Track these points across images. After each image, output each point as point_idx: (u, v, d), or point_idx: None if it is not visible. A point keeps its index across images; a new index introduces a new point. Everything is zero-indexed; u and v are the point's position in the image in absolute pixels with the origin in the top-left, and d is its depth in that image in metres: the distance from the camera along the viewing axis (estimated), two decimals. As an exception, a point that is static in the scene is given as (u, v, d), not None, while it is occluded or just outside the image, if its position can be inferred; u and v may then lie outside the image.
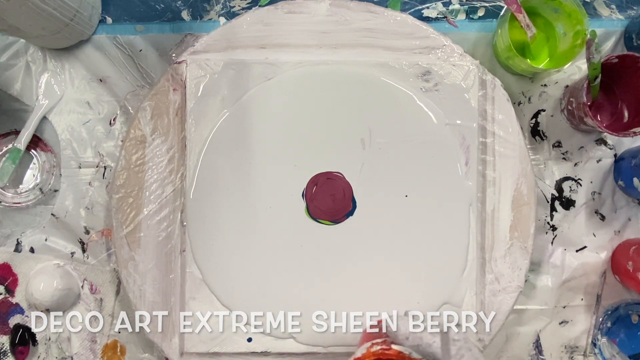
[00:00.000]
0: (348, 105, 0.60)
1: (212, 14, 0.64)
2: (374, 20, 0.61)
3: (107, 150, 0.63)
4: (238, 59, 0.60)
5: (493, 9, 0.64)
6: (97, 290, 0.62)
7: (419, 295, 0.59)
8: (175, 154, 0.60)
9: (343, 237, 0.59)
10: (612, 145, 0.64)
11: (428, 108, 0.60)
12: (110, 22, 0.64)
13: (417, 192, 0.59)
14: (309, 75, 0.60)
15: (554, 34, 0.62)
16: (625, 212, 0.63)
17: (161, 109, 0.60)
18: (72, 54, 0.63)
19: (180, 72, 0.60)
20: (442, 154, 0.60)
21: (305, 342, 0.58)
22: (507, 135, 0.60)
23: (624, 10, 0.64)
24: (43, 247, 0.62)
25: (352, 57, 0.60)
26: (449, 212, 0.59)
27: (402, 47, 0.60)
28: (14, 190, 0.63)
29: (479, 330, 0.59)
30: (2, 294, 0.61)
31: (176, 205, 0.59)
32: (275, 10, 0.61)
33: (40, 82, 0.63)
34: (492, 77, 0.60)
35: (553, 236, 0.63)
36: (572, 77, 0.64)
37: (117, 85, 0.63)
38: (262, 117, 0.60)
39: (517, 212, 0.60)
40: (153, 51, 0.63)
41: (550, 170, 0.64)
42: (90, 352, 0.61)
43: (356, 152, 0.60)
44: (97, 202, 0.63)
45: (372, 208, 0.59)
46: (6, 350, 0.60)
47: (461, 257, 0.59)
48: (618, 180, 0.62)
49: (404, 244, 0.59)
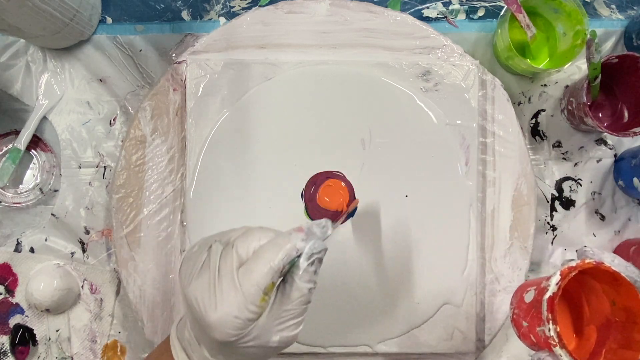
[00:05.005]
0: (348, 105, 0.60)
1: (212, 14, 0.64)
2: (374, 20, 0.61)
3: (107, 150, 0.63)
4: (238, 59, 0.60)
5: (493, 9, 0.64)
6: (97, 290, 0.62)
7: (419, 295, 0.59)
8: (175, 154, 0.60)
9: (342, 237, 0.59)
10: (612, 145, 0.64)
11: (428, 108, 0.60)
12: (110, 22, 0.64)
13: (417, 192, 0.59)
14: (309, 75, 0.60)
15: (554, 34, 0.62)
16: (625, 212, 0.63)
17: (161, 109, 0.60)
18: (72, 54, 0.63)
19: (180, 72, 0.60)
20: (442, 154, 0.60)
21: (305, 342, 0.58)
22: (507, 135, 0.60)
23: (624, 10, 0.64)
24: (43, 247, 0.62)
25: (352, 57, 0.60)
26: (449, 212, 0.59)
27: (402, 47, 0.61)
28: (14, 190, 0.63)
29: (479, 330, 0.59)
30: (2, 294, 0.61)
31: (176, 205, 0.59)
32: (275, 10, 0.61)
33: (40, 82, 0.63)
34: (492, 77, 0.60)
35: (553, 236, 0.63)
36: (572, 77, 0.64)
37: (117, 85, 0.63)
38: (262, 117, 0.60)
39: (517, 212, 0.60)
40: (153, 51, 0.63)
41: (550, 170, 0.64)
42: (90, 352, 0.61)
43: (356, 152, 0.60)
44: (97, 202, 0.63)
45: (372, 208, 0.59)
46: (6, 350, 0.60)
47: (461, 257, 0.59)
48: (618, 180, 0.62)
49: (404, 244, 0.59)
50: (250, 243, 0.36)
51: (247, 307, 0.34)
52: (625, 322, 0.43)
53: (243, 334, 0.35)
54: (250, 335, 0.35)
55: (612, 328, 0.44)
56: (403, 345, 0.58)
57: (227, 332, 0.34)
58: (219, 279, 0.35)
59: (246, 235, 0.37)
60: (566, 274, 0.41)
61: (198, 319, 0.35)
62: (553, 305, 0.40)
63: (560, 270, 0.41)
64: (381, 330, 0.58)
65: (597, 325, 0.45)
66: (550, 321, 0.39)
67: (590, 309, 0.46)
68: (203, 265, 0.36)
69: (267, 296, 0.35)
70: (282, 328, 0.36)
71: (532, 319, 0.42)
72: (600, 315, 0.45)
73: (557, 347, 0.39)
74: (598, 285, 0.45)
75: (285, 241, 0.35)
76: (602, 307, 0.45)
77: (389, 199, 0.59)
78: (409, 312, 0.58)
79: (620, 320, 0.43)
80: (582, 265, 0.41)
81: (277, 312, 0.36)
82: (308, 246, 0.35)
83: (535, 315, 0.41)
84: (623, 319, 0.43)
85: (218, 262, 0.35)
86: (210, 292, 0.34)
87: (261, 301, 0.34)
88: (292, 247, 0.35)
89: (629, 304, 0.42)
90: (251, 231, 0.37)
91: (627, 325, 0.43)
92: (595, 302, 0.46)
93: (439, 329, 0.58)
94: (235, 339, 0.35)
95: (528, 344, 0.44)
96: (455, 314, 0.59)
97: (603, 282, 0.44)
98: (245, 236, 0.37)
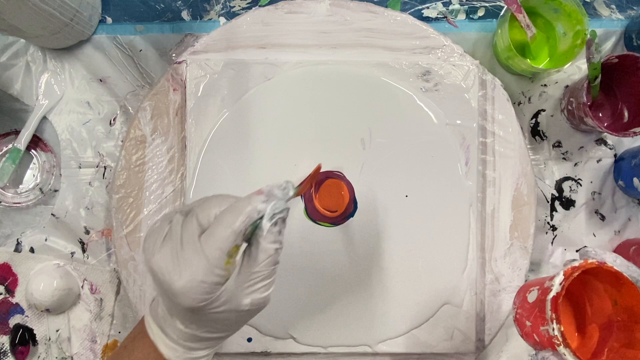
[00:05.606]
0: (348, 105, 0.60)
1: (212, 14, 0.64)
2: (374, 20, 0.61)
3: (107, 150, 0.63)
4: (238, 59, 0.60)
5: (493, 9, 0.64)
6: (97, 290, 0.62)
7: (419, 295, 0.59)
8: (175, 154, 0.60)
9: (342, 237, 0.59)
10: (612, 145, 0.64)
11: (428, 108, 0.60)
12: (110, 22, 0.64)
13: (417, 192, 0.59)
14: (309, 75, 0.60)
15: (554, 34, 0.62)
16: (625, 212, 0.63)
17: (161, 109, 0.60)
18: (72, 54, 0.63)
19: (180, 72, 0.60)
20: (442, 154, 0.60)
21: (305, 342, 0.58)
22: (507, 135, 0.60)
23: (624, 10, 0.64)
24: (43, 247, 0.62)
25: (352, 57, 0.60)
26: (449, 212, 0.59)
27: (402, 47, 0.61)
28: (14, 190, 0.63)
29: (479, 330, 0.59)
30: (2, 294, 0.61)
31: (176, 205, 0.59)
32: (275, 10, 0.61)
33: (40, 82, 0.63)
34: (492, 77, 0.60)
35: (553, 236, 0.63)
36: (572, 77, 0.64)
37: (117, 85, 0.63)
38: (262, 117, 0.60)
39: (517, 212, 0.60)
40: (153, 51, 0.63)
41: (550, 170, 0.64)
42: (90, 352, 0.61)
43: (356, 152, 0.60)
44: (97, 202, 0.63)
45: (372, 208, 0.59)
46: (6, 350, 0.60)
47: (461, 257, 0.59)
48: (618, 180, 0.62)
49: (404, 244, 0.59)
50: (210, 210, 0.36)
51: (213, 271, 0.34)
52: (627, 322, 0.43)
53: (211, 298, 0.35)
54: (220, 300, 0.36)
55: (614, 327, 0.44)
56: (403, 345, 0.58)
57: (195, 297, 0.34)
58: (182, 246, 0.35)
59: (205, 202, 0.37)
60: (569, 274, 0.41)
61: (165, 290, 0.35)
62: (557, 304, 0.40)
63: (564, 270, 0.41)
64: (381, 330, 0.58)
65: (598, 325, 0.45)
66: (554, 321, 0.40)
67: (592, 309, 0.46)
68: (165, 236, 0.36)
69: (232, 259, 0.35)
70: (252, 290, 0.37)
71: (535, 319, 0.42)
72: (602, 314, 0.45)
73: (561, 346, 0.39)
74: (600, 285, 0.45)
75: (246, 204, 0.36)
76: (603, 306, 0.45)
77: (389, 199, 0.59)
78: (409, 312, 0.58)
79: (622, 319, 0.43)
80: (585, 265, 0.41)
81: (246, 275, 0.36)
82: (269, 207, 0.36)
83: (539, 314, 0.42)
84: (625, 318, 0.43)
85: (180, 231, 0.36)
86: (174, 261, 0.35)
87: (226, 264, 0.35)
88: (253, 209, 0.35)
89: (631, 304, 0.42)
90: (210, 198, 0.38)
91: (629, 324, 0.43)
92: (597, 301, 0.46)
93: (439, 329, 0.58)
94: (204, 303, 0.35)
95: (531, 343, 0.44)
96: (455, 314, 0.59)
97: (605, 282, 0.44)
98: (205, 204, 0.37)
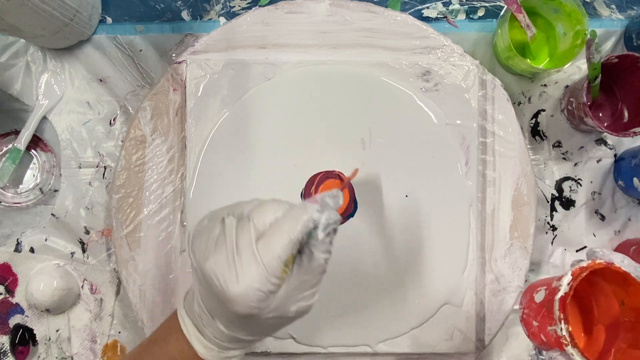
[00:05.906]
0: (348, 105, 0.60)
1: (212, 14, 0.64)
2: (374, 20, 0.61)
3: (107, 150, 0.63)
4: (238, 59, 0.60)
5: (493, 9, 0.64)
6: (97, 290, 0.62)
7: (418, 295, 0.59)
8: (175, 154, 0.60)
9: (342, 237, 0.59)
10: (612, 145, 0.64)
11: (428, 108, 0.60)
12: (110, 22, 0.64)
13: (417, 192, 0.59)
14: (309, 75, 0.60)
15: (554, 34, 0.62)
16: (625, 212, 0.63)
17: (161, 109, 0.60)
18: (72, 54, 0.63)
19: (180, 72, 0.60)
20: (442, 154, 0.60)
21: (305, 342, 0.58)
22: (507, 135, 0.60)
23: (624, 10, 0.64)
24: (43, 247, 0.62)
25: (352, 57, 0.60)
26: (449, 212, 0.59)
27: (402, 47, 0.61)
28: (14, 190, 0.63)
29: (479, 330, 0.59)
30: (2, 294, 0.61)
31: (176, 205, 0.59)
32: (275, 10, 0.61)
33: (40, 82, 0.63)
34: (492, 77, 0.60)
35: (553, 236, 0.63)
36: (572, 77, 0.64)
37: (117, 85, 0.63)
38: (262, 117, 0.60)
39: (517, 212, 0.60)
40: (153, 51, 0.63)
41: (550, 170, 0.64)
42: (90, 352, 0.61)
43: (356, 152, 0.60)
44: (97, 202, 0.63)
45: (372, 208, 0.59)
46: (6, 350, 0.60)
47: (461, 257, 0.59)
48: (618, 180, 0.62)
49: (404, 244, 0.59)
50: (266, 215, 0.36)
51: (269, 280, 0.34)
52: (635, 322, 0.43)
53: (264, 306, 0.35)
54: (271, 307, 0.36)
55: (621, 328, 0.44)
56: (403, 345, 0.58)
57: (249, 305, 0.35)
58: (238, 252, 0.35)
59: (261, 207, 0.37)
60: (577, 274, 0.41)
61: (217, 294, 0.35)
62: (565, 305, 0.40)
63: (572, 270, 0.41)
64: (381, 330, 0.58)
65: (605, 325, 0.45)
66: (562, 321, 0.40)
67: (599, 309, 0.46)
68: (218, 239, 0.36)
69: (288, 268, 0.35)
70: (299, 298, 0.37)
71: (542, 319, 0.42)
72: (609, 315, 0.45)
73: (569, 346, 0.39)
74: (607, 285, 0.45)
75: (302, 213, 0.35)
76: (611, 307, 0.45)
77: (389, 199, 0.59)
78: (409, 312, 0.58)
79: (630, 320, 0.43)
80: (593, 266, 0.41)
81: (296, 283, 0.36)
82: (324, 217, 0.36)
83: (546, 314, 0.42)
84: (632, 319, 0.43)
85: (235, 236, 0.35)
86: (230, 267, 0.34)
87: (282, 273, 0.35)
88: (309, 218, 0.35)
89: (638, 305, 0.42)
90: (265, 204, 0.37)
91: (636, 325, 0.43)
92: (604, 302, 0.46)
93: (439, 329, 0.58)
94: (257, 311, 0.35)
95: (538, 343, 0.44)
96: (455, 314, 0.59)
97: (612, 282, 0.44)
98: (260, 209, 0.37)
